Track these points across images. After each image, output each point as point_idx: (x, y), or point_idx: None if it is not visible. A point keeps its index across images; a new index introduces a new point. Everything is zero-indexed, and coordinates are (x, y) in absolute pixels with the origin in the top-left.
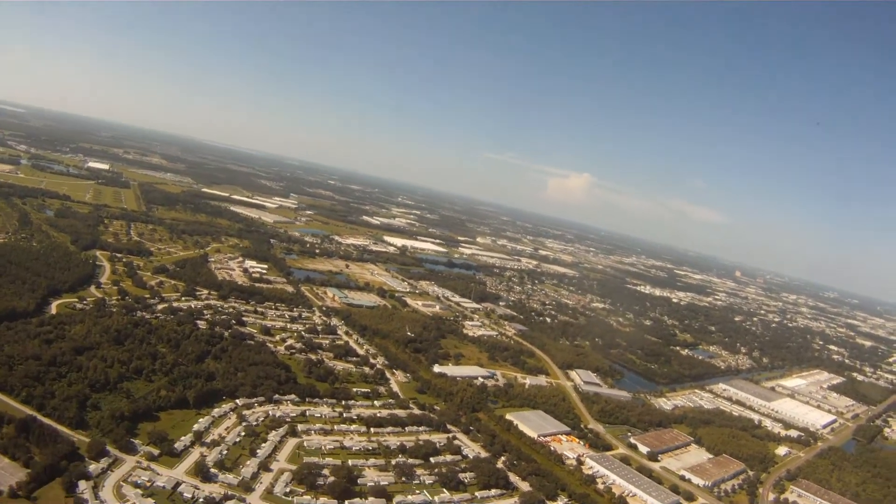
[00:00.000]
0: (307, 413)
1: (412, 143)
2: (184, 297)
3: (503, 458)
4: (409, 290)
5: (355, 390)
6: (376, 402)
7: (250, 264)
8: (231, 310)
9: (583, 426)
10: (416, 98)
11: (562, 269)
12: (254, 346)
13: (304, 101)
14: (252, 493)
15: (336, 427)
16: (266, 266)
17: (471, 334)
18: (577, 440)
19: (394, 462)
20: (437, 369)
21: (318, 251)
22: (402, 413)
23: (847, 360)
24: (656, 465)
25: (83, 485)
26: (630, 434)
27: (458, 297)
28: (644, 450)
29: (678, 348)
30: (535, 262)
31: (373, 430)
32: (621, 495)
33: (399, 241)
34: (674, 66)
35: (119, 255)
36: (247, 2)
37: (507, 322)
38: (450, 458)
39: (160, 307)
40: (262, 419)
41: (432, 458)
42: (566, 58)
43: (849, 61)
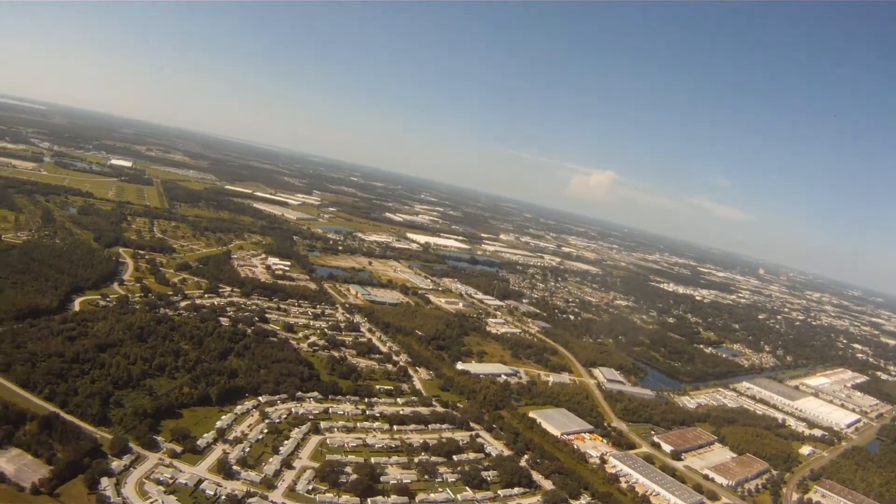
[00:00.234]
0: (330, 410)
1: (435, 140)
2: (207, 295)
3: (526, 456)
4: (431, 287)
5: (378, 388)
6: (399, 400)
7: (273, 261)
8: (254, 307)
9: (606, 424)
10: (439, 95)
11: (585, 267)
12: (277, 343)
13: (328, 98)
14: (274, 491)
15: (359, 424)
16: (289, 263)
17: (494, 332)
18: (601, 438)
19: (416, 460)
20: (460, 367)
21: (340, 248)
22: (424, 411)
23: (871, 359)
24: (680, 464)
25: (106, 482)
26: (653, 432)
27: (481, 295)
28: (667, 448)
29: (702, 346)
30: (558, 260)
31: (395, 427)
32: (644, 494)
33: (422, 238)
34: (697, 64)
35: (142, 252)
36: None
37: (530, 319)
38: (473, 456)
39: (183, 304)
40: (284, 416)
41: (455, 456)
42: (591, 55)
43: (873, 57)
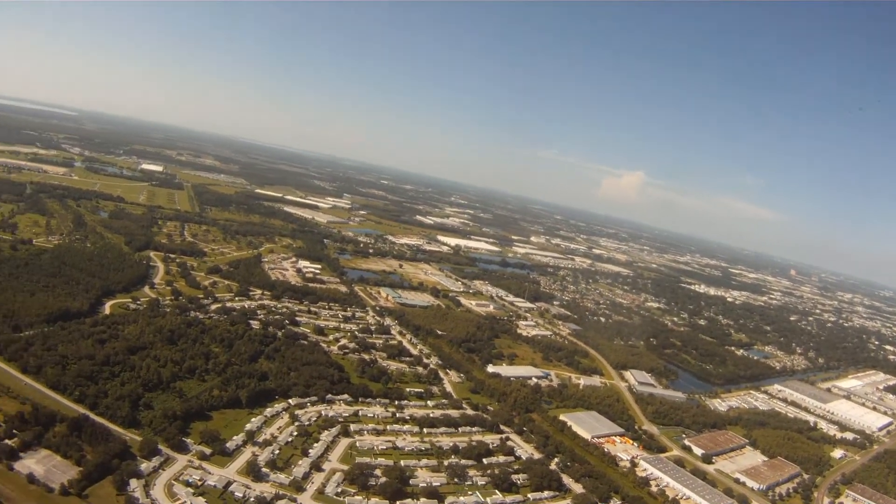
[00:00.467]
0: (360, 413)
1: (466, 142)
2: (237, 298)
3: (556, 459)
4: (462, 289)
5: (408, 390)
6: (429, 403)
7: (304, 264)
8: (284, 310)
9: (637, 427)
10: (470, 97)
11: (616, 269)
12: (307, 345)
13: (359, 102)
14: (303, 493)
15: (389, 427)
16: (319, 266)
17: (525, 334)
18: (631, 442)
19: (446, 463)
20: (490, 369)
21: (371, 251)
22: (455, 413)
23: None
24: (710, 468)
25: (134, 483)
26: (684, 436)
27: (511, 297)
28: (698, 452)
29: (733, 348)
30: (588, 261)
31: (425, 430)
32: (675, 498)
33: (453, 241)
34: (726, 63)
35: (173, 256)
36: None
37: (561, 322)
38: (503, 459)
39: (213, 307)
40: (314, 419)
41: (485, 459)
42: (620, 56)
43: None
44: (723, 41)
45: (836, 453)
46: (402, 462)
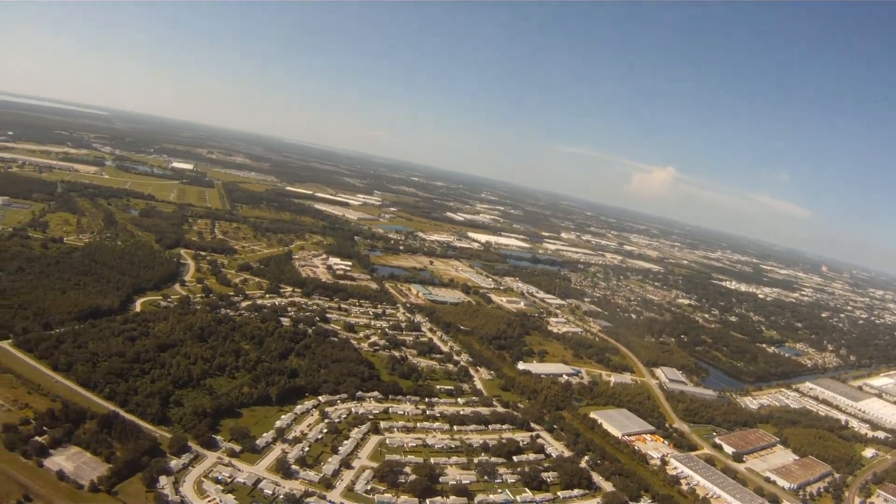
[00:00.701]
0: (390, 410)
1: (496, 139)
2: (268, 295)
3: (586, 457)
4: (493, 286)
5: (439, 387)
6: (460, 400)
7: (334, 261)
8: (315, 307)
9: (667, 425)
10: (501, 94)
11: (647, 265)
12: (337, 343)
13: (390, 100)
14: (333, 491)
15: (419, 425)
16: (350, 263)
17: (555, 331)
18: (662, 440)
19: (476, 461)
20: (521, 366)
21: (401, 248)
22: (485, 411)
23: None
24: (741, 467)
25: (164, 480)
26: (715, 434)
27: (542, 294)
28: (729, 450)
29: (764, 345)
30: (619, 258)
31: (456, 427)
32: (705, 497)
33: (483, 238)
34: (756, 60)
35: (203, 254)
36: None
37: (591, 318)
38: (533, 457)
39: (244, 304)
40: (344, 416)
41: (515, 457)
42: (651, 54)
43: None
44: (753, 38)
45: (868, 452)
46: (432, 459)
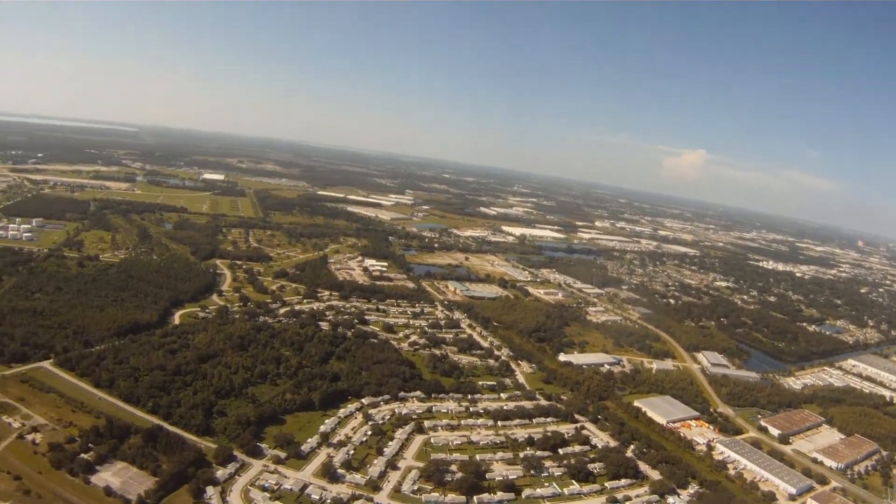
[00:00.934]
0: (433, 409)
1: (526, 131)
2: (305, 300)
3: (632, 446)
4: (530, 279)
5: (481, 383)
6: (502, 395)
7: (370, 263)
8: (353, 309)
9: (712, 410)
10: (528, 86)
11: (682, 249)
12: (377, 344)
13: (419, 98)
14: (380, 493)
15: (463, 422)
16: (386, 263)
17: (594, 321)
18: (707, 425)
19: (522, 455)
20: (562, 358)
21: (436, 245)
22: (528, 405)
23: None
24: (787, 448)
25: (211, 490)
26: (760, 416)
27: (579, 284)
28: (775, 432)
29: (804, 324)
30: (655, 244)
31: (500, 423)
32: (753, 481)
33: (517, 230)
34: (782, 40)
35: (239, 263)
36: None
37: (630, 306)
38: (578, 448)
39: (282, 311)
40: (388, 417)
41: (560, 450)
42: (678, 37)
43: None
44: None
45: None
46: (478, 456)
